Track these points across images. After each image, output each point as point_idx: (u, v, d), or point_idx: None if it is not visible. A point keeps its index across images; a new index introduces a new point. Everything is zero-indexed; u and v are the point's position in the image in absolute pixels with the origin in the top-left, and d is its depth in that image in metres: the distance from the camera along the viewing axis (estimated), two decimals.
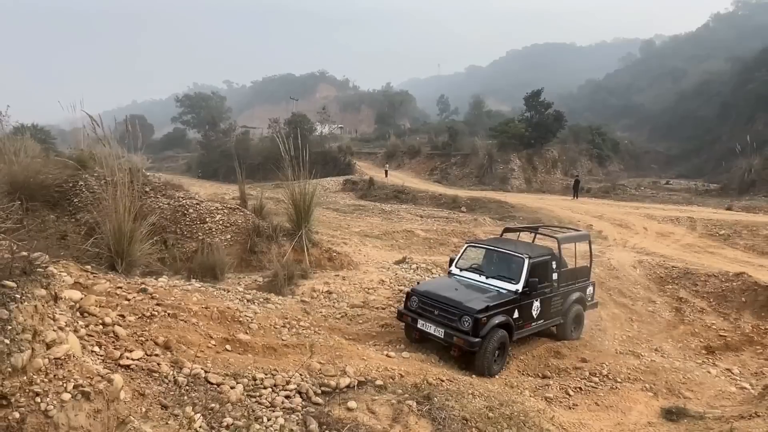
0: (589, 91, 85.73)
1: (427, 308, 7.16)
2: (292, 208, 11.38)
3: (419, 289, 7.62)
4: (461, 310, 6.79)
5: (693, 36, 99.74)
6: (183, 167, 55.90)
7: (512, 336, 7.20)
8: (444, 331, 6.84)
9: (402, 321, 7.54)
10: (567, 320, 8.39)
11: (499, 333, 6.84)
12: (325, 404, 4.38)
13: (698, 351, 9.17)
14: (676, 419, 5.83)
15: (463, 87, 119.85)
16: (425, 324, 7.06)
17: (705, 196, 29.47)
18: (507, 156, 38.50)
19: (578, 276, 8.89)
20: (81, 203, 10.36)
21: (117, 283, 5.66)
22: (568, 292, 8.45)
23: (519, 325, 7.37)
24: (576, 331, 8.74)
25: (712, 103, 54.94)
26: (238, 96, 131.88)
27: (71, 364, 2.43)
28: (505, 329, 7.00)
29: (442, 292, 7.35)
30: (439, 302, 7.09)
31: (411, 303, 7.39)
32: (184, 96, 76.62)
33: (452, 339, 6.74)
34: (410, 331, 7.45)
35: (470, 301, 6.93)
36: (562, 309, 8.33)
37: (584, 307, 8.88)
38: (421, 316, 7.16)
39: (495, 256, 8.19)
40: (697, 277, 11.78)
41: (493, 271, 7.84)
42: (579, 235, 10.09)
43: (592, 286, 9.30)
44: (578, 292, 8.69)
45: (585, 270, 9.20)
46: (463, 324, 6.70)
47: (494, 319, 6.81)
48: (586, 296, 8.98)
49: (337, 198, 28.76)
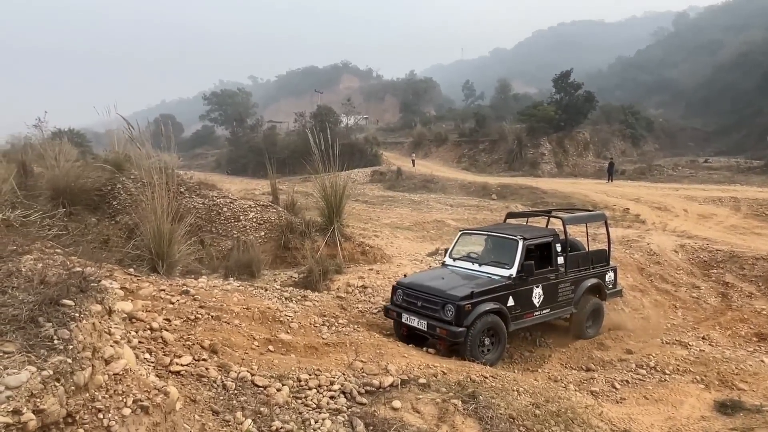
0: (620, 69, 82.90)
1: (411, 300, 6.77)
2: (323, 202, 11.42)
3: (404, 281, 7.26)
4: (444, 299, 6.37)
5: (729, 5, 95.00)
6: (212, 164, 56.88)
7: (509, 325, 6.68)
8: (427, 323, 6.42)
9: (388, 317, 7.11)
10: (581, 311, 7.76)
11: (488, 319, 6.36)
12: (369, 404, 4.37)
13: (749, 338, 8.81)
14: (731, 413, 5.62)
15: (488, 71, 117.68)
16: (409, 317, 6.66)
17: (748, 174, 28.27)
18: (537, 140, 37.73)
19: (594, 261, 8.20)
20: (120, 206, 10.64)
21: (160, 286, 5.78)
22: (580, 279, 7.81)
23: (517, 315, 6.85)
24: (593, 327, 8.07)
25: (751, 74, 52.33)
26: (263, 90, 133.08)
27: (129, 378, 2.47)
28: (498, 317, 6.52)
29: (426, 282, 6.94)
30: (423, 293, 6.67)
31: (396, 297, 7.00)
32: (211, 93, 77.77)
33: (435, 330, 6.32)
34: (398, 328, 7.01)
35: (454, 289, 6.50)
36: (573, 297, 7.70)
37: (603, 296, 8.22)
38: (406, 310, 6.77)
39: (489, 242, 7.74)
40: (744, 261, 11.33)
41: (486, 258, 7.38)
42: (591, 215, 9.55)
43: (612, 272, 8.57)
44: (594, 279, 8.02)
45: (602, 254, 8.52)
46: (446, 313, 6.28)
47: (481, 307, 6.32)
48: (606, 283, 8.30)
49: (366, 189, 28.80)
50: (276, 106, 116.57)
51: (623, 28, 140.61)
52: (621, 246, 12.04)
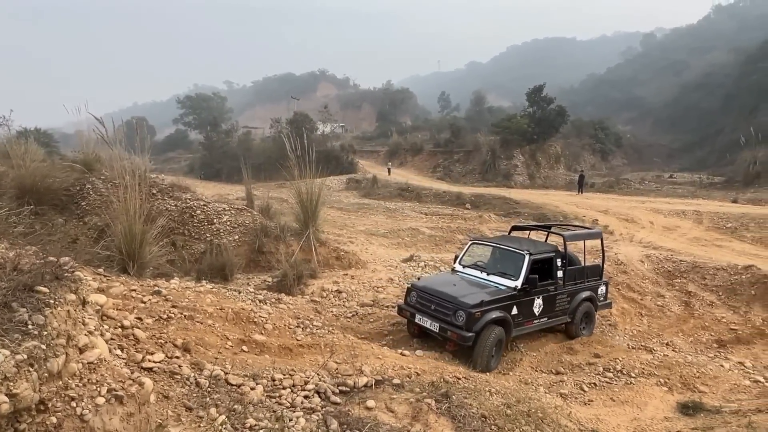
0: (591, 86, 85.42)
1: (425, 303, 7.24)
2: (298, 207, 11.39)
3: (418, 284, 7.70)
4: (456, 305, 6.84)
5: (694, 28, 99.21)
6: (185, 168, 55.86)
7: (509, 332, 7.17)
8: (439, 326, 6.91)
9: (402, 316, 7.67)
10: (575, 319, 8.31)
11: (495, 328, 6.84)
12: (344, 404, 4.39)
13: (710, 345, 9.15)
14: (692, 413, 5.83)
15: (464, 83, 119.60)
16: (422, 318, 7.14)
17: (710, 189, 29.38)
18: (510, 152, 38.38)
19: (589, 275, 8.76)
20: (89, 206, 10.39)
21: (131, 286, 5.67)
22: (576, 291, 8.35)
23: (519, 322, 7.36)
24: (587, 329, 8.63)
25: (714, 95, 54.66)
26: (239, 96, 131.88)
27: (103, 368, 2.43)
28: (502, 325, 7.00)
29: (439, 287, 7.38)
30: (436, 297, 7.14)
31: (410, 298, 7.49)
32: (185, 97, 76.70)
33: (446, 333, 6.79)
34: (410, 326, 7.59)
35: (465, 296, 6.96)
36: (569, 308, 8.24)
37: (595, 307, 8.76)
38: (419, 311, 7.24)
39: (497, 253, 8.18)
40: (706, 271, 11.76)
41: (494, 268, 7.87)
42: (589, 233, 9.97)
43: (604, 285, 9.13)
44: (588, 291, 8.56)
45: (596, 269, 9.06)
46: (457, 318, 6.76)
47: (489, 315, 6.82)
48: (598, 296, 8.84)
49: (341, 197, 28.74)
50: (252, 111, 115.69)
51: (594, 46, 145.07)
52: (590, 256, 12.32)
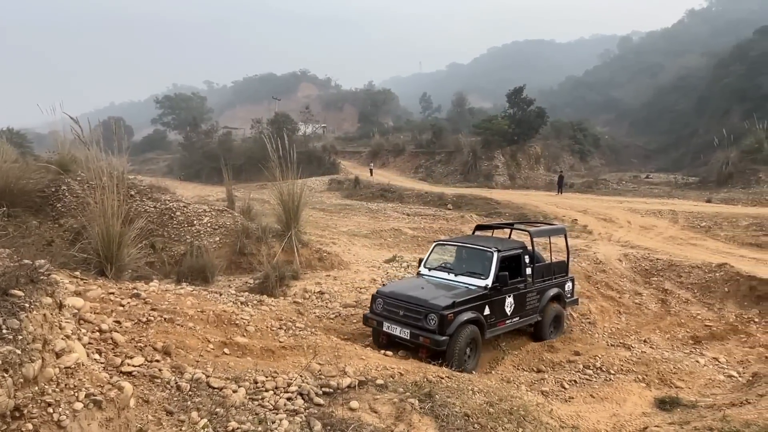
0: (570, 87, 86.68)
1: (393, 309, 6.85)
2: (280, 208, 11.32)
3: (384, 290, 7.32)
4: (427, 308, 6.53)
5: (669, 32, 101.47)
6: (164, 169, 55.11)
7: (484, 333, 6.95)
8: (410, 332, 6.55)
9: (368, 326, 7.19)
10: (545, 318, 8.18)
11: (469, 329, 6.61)
12: (327, 405, 4.37)
13: (685, 341, 9.35)
14: (669, 409, 5.96)
15: (445, 84, 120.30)
16: (391, 326, 6.74)
17: (685, 189, 30.06)
18: (491, 153, 38.75)
19: (555, 271, 8.68)
20: (64, 208, 10.17)
21: (109, 289, 5.58)
22: (544, 288, 8.24)
23: (492, 323, 7.15)
24: (555, 333, 8.52)
25: (689, 97, 55.99)
26: (219, 96, 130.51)
27: (81, 372, 2.38)
28: (476, 326, 6.78)
29: (407, 291, 7.07)
30: (404, 302, 6.79)
31: (376, 306, 7.08)
32: (164, 97, 75.85)
33: (419, 339, 6.46)
34: (377, 336, 7.11)
35: (436, 299, 6.67)
36: (539, 306, 8.12)
37: (564, 304, 8.69)
38: (387, 319, 6.84)
39: (464, 253, 8.00)
40: (681, 269, 12.01)
41: (462, 268, 7.64)
42: (553, 228, 10.05)
43: (571, 281, 9.07)
44: (556, 288, 8.48)
45: (562, 265, 9.01)
46: (428, 322, 6.44)
47: (462, 316, 6.57)
48: (565, 292, 8.78)
49: (323, 198, 28.66)
50: (232, 112, 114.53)
51: (572, 48, 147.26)
52: (570, 255, 12.53)
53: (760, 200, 25.10)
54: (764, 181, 28.13)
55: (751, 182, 28.34)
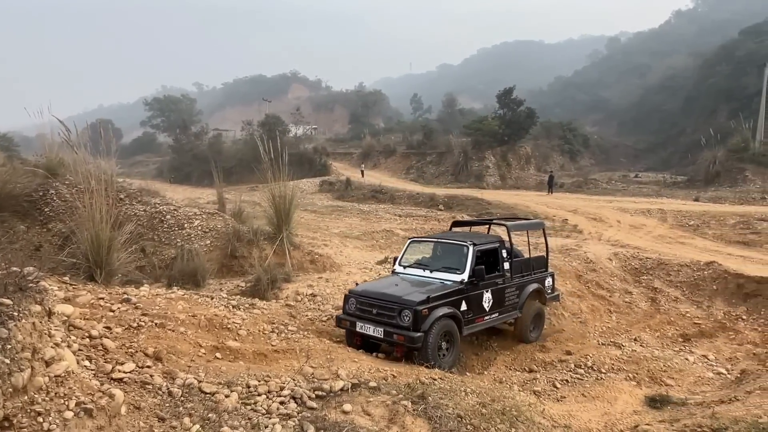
0: (559, 88, 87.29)
1: (366, 309, 6.68)
2: (271, 210, 11.28)
3: (357, 290, 7.14)
4: (400, 305, 6.37)
5: (656, 32, 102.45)
6: (154, 172, 54.67)
7: (462, 329, 6.80)
8: (383, 330, 6.37)
9: (341, 327, 6.99)
10: (525, 315, 8.05)
11: (443, 323, 6.42)
12: (320, 408, 4.36)
13: (675, 339, 9.44)
14: (660, 407, 6.01)
15: (435, 85, 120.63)
16: (364, 326, 6.55)
17: (673, 188, 30.40)
18: (482, 153, 38.93)
19: (534, 266, 8.59)
20: (53, 212, 10.08)
21: (98, 294, 5.53)
22: (523, 284, 8.11)
23: (470, 319, 7.00)
24: (536, 331, 8.43)
25: (676, 97, 56.63)
26: (209, 98, 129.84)
27: (71, 381, 2.36)
28: (452, 321, 6.62)
29: (380, 289, 6.93)
30: (377, 300, 6.62)
31: (349, 306, 6.89)
32: (153, 99, 75.29)
33: (392, 337, 6.28)
34: (351, 338, 6.88)
35: (410, 294, 6.53)
36: (518, 302, 7.98)
37: (544, 300, 8.59)
38: (360, 318, 6.67)
39: (439, 249, 7.89)
40: (670, 267, 12.12)
41: (437, 264, 7.47)
42: (531, 223, 10.06)
43: (551, 277, 8.98)
44: (536, 284, 8.36)
45: (542, 260, 8.92)
46: (403, 319, 6.28)
47: (437, 311, 6.38)
48: (546, 288, 8.69)
49: (315, 199, 28.60)
50: (222, 114, 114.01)
51: (561, 49, 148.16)
52: (560, 255, 12.61)
53: (746, 199, 25.45)
54: (751, 179, 28.55)
55: (738, 181, 28.75)
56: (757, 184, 27.98)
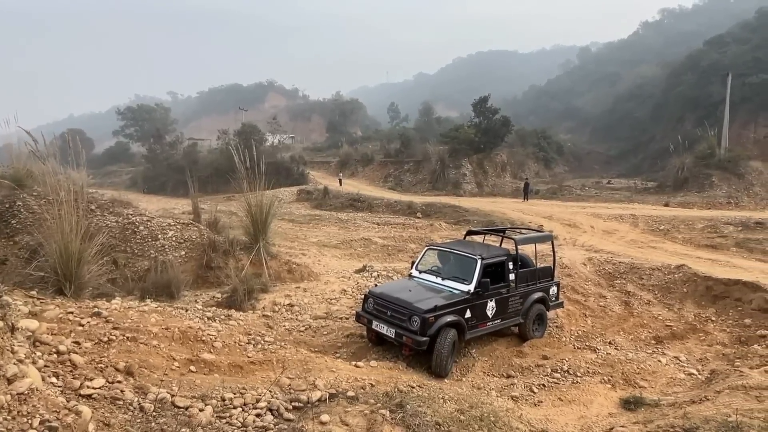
0: (533, 96, 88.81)
1: (381, 309, 7.37)
2: (248, 220, 11.17)
3: (375, 291, 7.82)
4: (410, 310, 6.99)
5: (625, 43, 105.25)
6: (127, 182, 53.58)
7: (463, 335, 7.36)
8: (395, 331, 7.04)
9: (360, 323, 7.77)
10: (528, 320, 8.56)
11: (449, 331, 6.99)
12: (297, 420, 4.31)
13: (648, 341, 9.62)
14: (634, 408, 6.12)
15: (412, 94, 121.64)
16: (379, 324, 7.28)
17: (644, 194, 31.13)
18: (458, 161, 39.26)
19: (540, 276, 9.05)
20: (20, 225, 9.77)
21: (67, 308, 5.37)
22: (528, 293, 8.60)
23: (472, 325, 7.55)
24: (539, 330, 8.92)
25: (645, 105, 58.19)
26: (184, 107, 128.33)
27: (35, 398, 2.28)
28: (456, 328, 7.16)
29: (395, 293, 7.53)
30: (392, 303, 7.28)
31: (367, 305, 7.61)
32: (126, 108, 74.07)
33: (402, 339, 6.93)
34: (369, 333, 7.73)
35: (420, 302, 7.11)
36: (521, 309, 8.48)
37: (547, 307, 9.05)
38: (376, 317, 7.38)
39: (451, 258, 8.36)
40: (643, 271, 12.40)
41: (448, 272, 8.05)
42: (539, 236, 10.34)
43: (555, 286, 9.45)
44: (540, 293, 8.83)
45: (548, 270, 9.38)
46: (412, 324, 6.90)
47: (443, 319, 6.97)
48: (550, 296, 9.14)
49: (292, 208, 28.38)
50: (198, 123, 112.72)
51: (534, 58, 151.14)
52: (537, 260, 12.77)
53: (713, 203, 26.28)
54: (717, 185, 29.43)
55: (705, 186, 29.61)
56: (723, 189, 28.88)
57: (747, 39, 47.88)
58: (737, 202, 27.02)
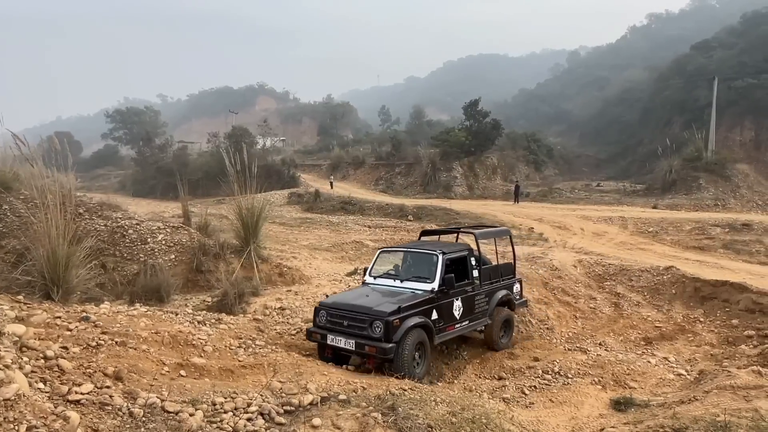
0: (523, 100, 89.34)
1: (337, 321, 6.62)
2: (239, 223, 11.11)
3: (327, 302, 7.11)
4: (371, 316, 6.33)
5: (613, 47, 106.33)
6: (116, 185, 53.17)
7: (433, 338, 6.81)
8: (355, 342, 6.31)
9: (312, 341, 6.90)
10: (494, 322, 8.15)
11: (416, 334, 6.43)
12: (289, 424, 4.28)
13: (637, 342, 9.72)
14: (624, 409, 6.16)
15: (403, 97, 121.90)
16: (335, 338, 6.49)
17: (633, 197, 31.42)
18: (449, 164, 39.40)
19: (503, 273, 8.73)
20: (6, 229, 9.67)
21: (55, 313, 5.30)
22: (492, 291, 8.24)
23: (441, 327, 7.03)
24: (505, 337, 8.53)
25: (633, 108, 58.77)
26: (174, 110, 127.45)
27: (22, 404, 2.24)
28: (423, 331, 6.62)
29: (351, 301, 6.90)
30: (348, 311, 6.57)
31: (319, 319, 6.81)
32: (115, 111, 73.49)
33: (364, 349, 6.23)
34: (323, 351, 6.82)
35: (380, 305, 6.52)
36: (488, 309, 8.07)
37: (512, 306, 8.74)
38: (331, 331, 6.60)
39: (409, 258, 7.94)
40: (632, 273, 12.51)
41: (407, 274, 7.52)
42: (498, 230, 10.25)
43: (518, 283, 9.16)
44: (504, 290, 8.51)
45: (509, 267, 9.09)
46: (374, 330, 6.23)
47: (408, 321, 6.38)
48: (514, 294, 8.84)
49: (283, 211, 28.30)
50: (188, 126, 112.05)
51: (524, 62, 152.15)
52: (527, 263, 12.85)
53: (701, 205, 26.59)
54: (704, 187, 29.78)
55: (693, 188, 29.95)
56: (710, 192, 29.23)
57: (732, 44, 48.60)
58: (724, 204, 27.36)
